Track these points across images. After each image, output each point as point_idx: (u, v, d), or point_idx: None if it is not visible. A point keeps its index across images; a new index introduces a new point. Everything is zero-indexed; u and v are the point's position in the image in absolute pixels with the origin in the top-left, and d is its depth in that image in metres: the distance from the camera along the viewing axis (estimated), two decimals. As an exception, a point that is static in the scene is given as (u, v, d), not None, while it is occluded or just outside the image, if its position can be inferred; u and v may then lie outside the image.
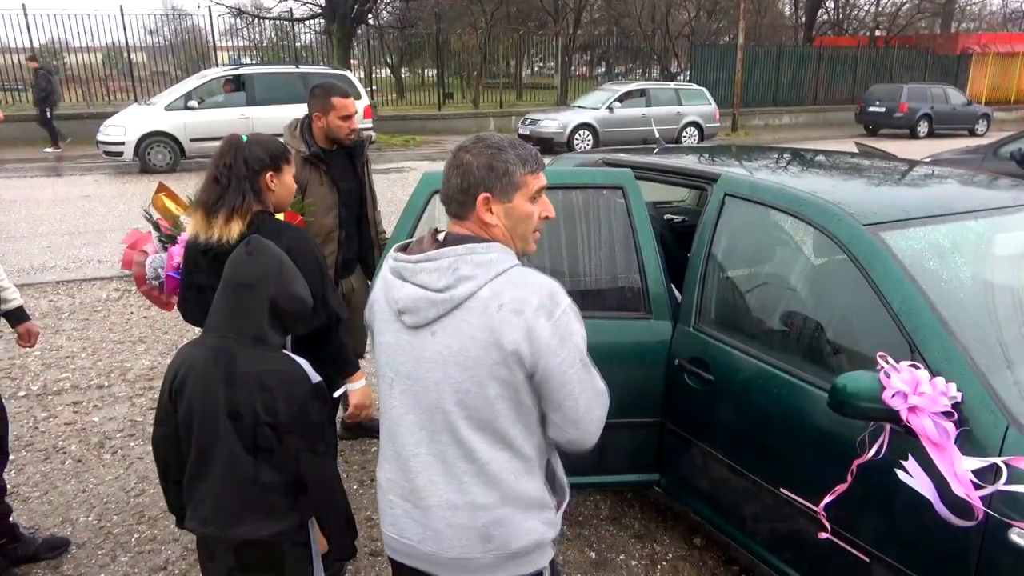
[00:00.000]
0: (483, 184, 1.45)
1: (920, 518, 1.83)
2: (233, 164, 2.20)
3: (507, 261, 1.44)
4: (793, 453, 2.22)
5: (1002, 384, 1.85)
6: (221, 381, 1.73)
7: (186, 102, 12.65)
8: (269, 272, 1.81)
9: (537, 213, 1.52)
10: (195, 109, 12.64)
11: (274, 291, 1.80)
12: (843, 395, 1.88)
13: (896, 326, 2.00)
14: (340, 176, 3.27)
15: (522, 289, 1.40)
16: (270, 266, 1.82)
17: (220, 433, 1.73)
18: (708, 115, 17.05)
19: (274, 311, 1.80)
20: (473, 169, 1.45)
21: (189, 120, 12.52)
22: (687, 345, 2.59)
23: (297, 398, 1.75)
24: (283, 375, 1.76)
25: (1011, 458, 1.72)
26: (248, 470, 1.74)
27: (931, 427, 1.80)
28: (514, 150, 1.47)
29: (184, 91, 12.85)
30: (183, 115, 12.54)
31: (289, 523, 1.81)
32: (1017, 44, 29.83)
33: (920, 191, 2.66)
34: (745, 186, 2.61)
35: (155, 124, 12.40)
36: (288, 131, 3.25)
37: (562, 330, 1.40)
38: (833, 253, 2.27)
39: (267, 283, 1.79)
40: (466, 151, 1.48)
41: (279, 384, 1.74)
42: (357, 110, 3.26)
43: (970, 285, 2.19)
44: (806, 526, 2.15)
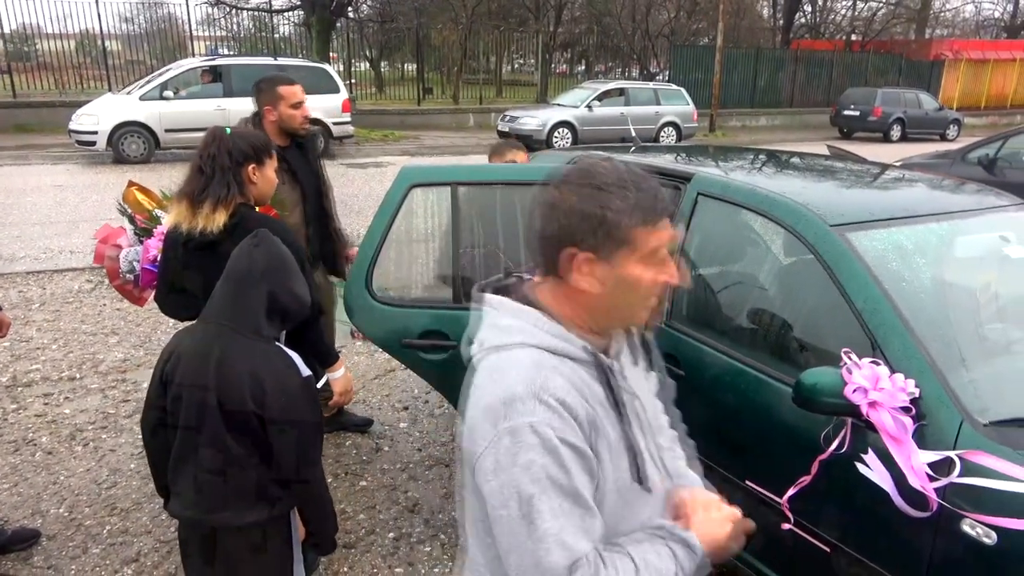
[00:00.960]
0: (569, 235, 1.07)
1: (878, 509, 1.89)
2: (217, 155, 2.23)
3: (518, 335, 1.09)
4: (759, 447, 2.28)
5: (958, 381, 1.92)
6: (213, 368, 1.75)
7: (161, 92, 12.47)
8: (272, 266, 1.84)
9: (652, 280, 1.10)
10: (170, 99, 12.47)
11: (275, 286, 1.82)
12: (807, 390, 1.94)
13: (859, 324, 2.06)
14: (300, 172, 3.23)
15: (494, 376, 1.07)
16: (273, 261, 1.85)
17: (207, 419, 1.75)
18: (686, 115, 17.19)
19: (272, 305, 1.82)
20: (560, 211, 1.08)
21: (164, 110, 12.35)
22: (659, 341, 2.64)
23: (288, 391, 1.77)
24: (275, 367, 1.78)
25: (964, 452, 1.78)
26: (232, 458, 1.76)
27: (890, 421, 1.86)
28: (622, 191, 1.06)
29: (159, 81, 12.68)
30: (158, 105, 12.36)
31: (270, 513, 1.83)
32: (988, 51, 30.42)
33: (886, 194, 2.73)
34: (717, 186, 2.67)
35: (129, 114, 12.21)
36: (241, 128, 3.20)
37: (501, 453, 1.02)
38: (801, 253, 2.32)
39: (269, 277, 1.82)
40: (557, 185, 1.10)
41: (271, 376, 1.76)
42: (305, 97, 3.20)
43: (930, 285, 2.27)
44: (771, 518, 2.21)
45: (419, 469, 3.47)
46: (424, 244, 2.72)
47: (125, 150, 12.18)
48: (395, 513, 3.12)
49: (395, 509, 3.15)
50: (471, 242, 2.71)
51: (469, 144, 15.90)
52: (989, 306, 2.30)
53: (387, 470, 3.46)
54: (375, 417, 3.95)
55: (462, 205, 2.69)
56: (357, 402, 4.10)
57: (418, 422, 3.91)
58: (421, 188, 2.70)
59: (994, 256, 2.40)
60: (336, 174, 11.45)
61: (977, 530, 1.74)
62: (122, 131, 12.15)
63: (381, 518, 3.09)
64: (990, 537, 1.71)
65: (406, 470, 3.45)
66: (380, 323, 2.65)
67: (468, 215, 2.71)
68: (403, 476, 3.41)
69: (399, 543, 2.93)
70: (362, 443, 3.69)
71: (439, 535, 2.98)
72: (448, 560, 2.84)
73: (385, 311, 2.64)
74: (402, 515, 3.11)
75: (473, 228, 2.72)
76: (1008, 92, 29.95)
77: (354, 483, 3.34)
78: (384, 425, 3.89)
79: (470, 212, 2.72)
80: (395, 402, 4.16)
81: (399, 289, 2.71)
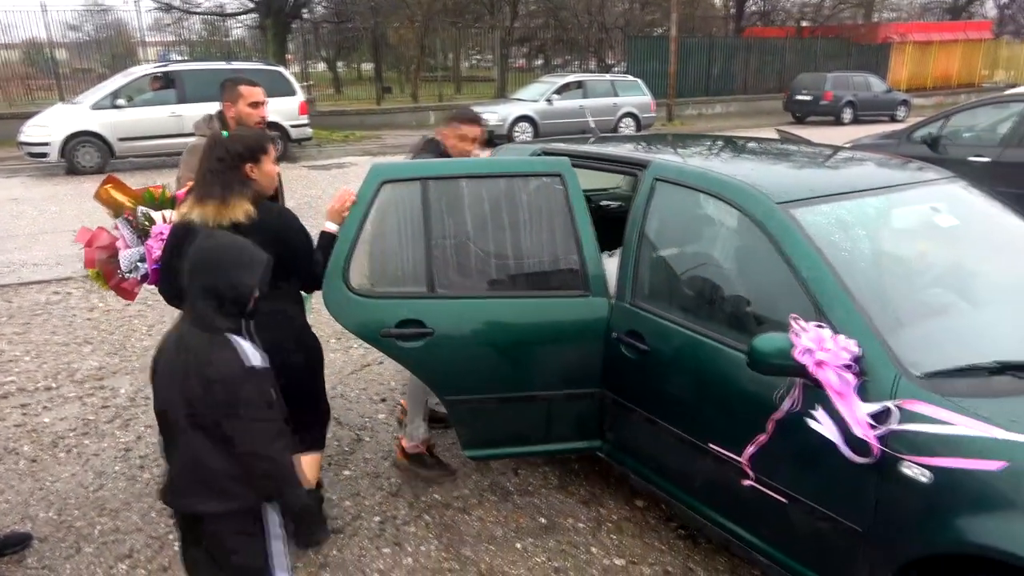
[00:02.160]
0: None
1: (828, 460, 2.08)
2: (225, 157, 2.39)
3: None
4: (719, 411, 2.45)
5: (894, 339, 2.10)
6: (180, 361, 1.87)
7: (113, 100, 12.25)
8: (213, 260, 1.91)
9: None
10: (123, 108, 12.27)
11: (216, 278, 1.89)
12: (759, 354, 2.12)
13: (805, 292, 2.24)
14: None
15: None
16: (213, 255, 1.92)
17: (177, 414, 1.87)
18: (644, 106, 17.46)
19: (219, 298, 1.89)
20: None
21: (117, 119, 12.16)
22: (623, 319, 2.80)
23: (230, 381, 1.83)
24: (219, 359, 1.85)
25: (901, 401, 1.97)
26: (195, 450, 1.87)
27: (834, 378, 2.04)
28: None
29: (111, 89, 12.44)
30: (111, 114, 12.16)
31: (234, 505, 1.91)
32: (933, 33, 31.30)
33: (828, 172, 2.92)
34: (673, 171, 2.83)
35: (82, 123, 11.99)
36: (203, 125, 3.36)
37: None
38: (751, 230, 2.49)
39: (211, 270, 1.89)
40: None
41: (215, 368, 1.83)
42: (266, 100, 3.35)
43: (869, 254, 2.46)
44: (732, 476, 2.39)
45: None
46: (397, 238, 2.83)
47: (79, 160, 11.97)
48: (379, 498, 3.24)
49: (379, 495, 3.27)
50: (442, 234, 2.83)
51: (431, 142, 15.92)
52: (922, 271, 2.50)
53: (369, 459, 3.57)
54: (353, 410, 4.05)
55: (432, 199, 2.81)
56: (335, 396, 4.20)
57: (396, 412, 4.02)
58: (392, 184, 2.81)
59: (926, 226, 2.60)
60: (298, 176, 11.44)
61: (914, 471, 1.93)
62: (75, 141, 11.93)
63: (366, 504, 3.20)
64: (926, 476, 1.91)
65: (387, 458, 3.57)
66: (358, 314, 2.76)
67: (438, 209, 2.83)
68: (385, 464, 3.52)
69: (385, 525, 3.05)
70: (343, 435, 3.80)
71: (423, 516, 3.11)
72: (433, 539, 2.97)
73: (362, 303, 2.75)
74: (386, 500, 3.23)
75: (444, 221, 2.84)
76: (952, 72, 30.87)
77: (338, 472, 3.44)
78: (364, 417, 4.00)
79: (440, 206, 2.84)
80: (372, 395, 4.27)
81: (375, 282, 2.82)
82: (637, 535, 2.99)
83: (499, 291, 2.86)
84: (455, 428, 2.99)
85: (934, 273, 2.51)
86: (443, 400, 2.92)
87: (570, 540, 2.96)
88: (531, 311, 2.85)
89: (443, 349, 2.78)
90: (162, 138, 11.94)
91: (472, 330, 2.80)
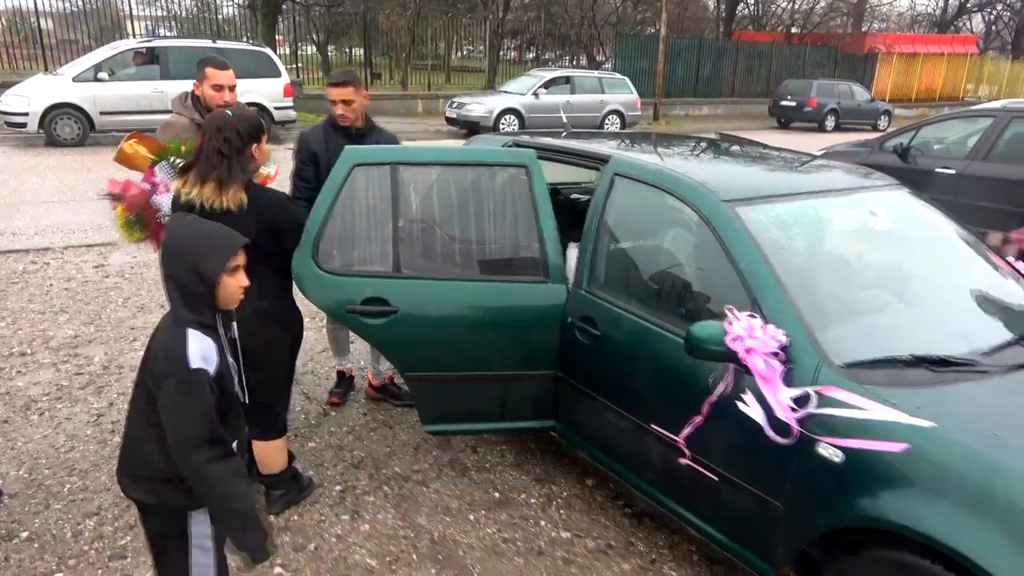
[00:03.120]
0: None
1: (755, 441, 2.24)
2: (232, 139, 2.51)
3: None
4: (662, 394, 2.61)
5: (820, 331, 2.27)
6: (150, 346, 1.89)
7: (95, 74, 12.09)
8: (172, 248, 1.87)
9: None
10: (105, 81, 12.14)
11: (176, 266, 1.84)
12: (695, 340, 2.28)
13: (742, 284, 2.40)
14: None
15: None
16: (174, 244, 1.87)
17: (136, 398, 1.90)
18: (630, 104, 17.62)
19: (178, 286, 1.84)
20: None
21: (99, 92, 12.04)
22: (579, 305, 2.95)
23: (163, 378, 1.78)
24: (166, 352, 1.80)
25: (820, 387, 2.14)
26: (135, 431, 1.89)
27: (761, 364, 2.20)
28: None
29: (94, 62, 12.27)
30: (92, 87, 12.03)
31: (154, 501, 1.89)
32: (919, 45, 31.74)
33: (775, 174, 3.08)
34: (630, 167, 2.98)
35: (62, 95, 11.85)
36: (179, 102, 3.42)
37: None
38: (699, 225, 2.65)
39: (172, 258, 1.85)
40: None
41: (159, 361, 1.80)
42: (233, 83, 3.40)
43: (804, 252, 2.63)
44: (671, 456, 2.55)
45: (364, 431, 3.72)
46: (366, 219, 2.96)
47: (58, 132, 11.87)
48: (342, 469, 3.38)
49: (342, 466, 3.41)
50: (409, 217, 2.96)
51: (417, 130, 16.00)
52: (853, 270, 2.67)
53: (334, 432, 3.70)
54: (323, 386, 4.18)
55: (401, 184, 2.94)
56: (306, 372, 4.33)
57: (363, 389, 4.15)
58: (363, 167, 2.94)
59: (862, 228, 2.77)
60: (283, 159, 11.46)
61: (829, 451, 2.09)
62: (55, 113, 11.82)
63: (328, 474, 3.34)
64: (838, 456, 2.07)
65: (352, 432, 3.71)
66: (326, 291, 2.89)
67: (407, 192, 2.96)
68: (349, 437, 3.66)
69: (345, 494, 3.19)
70: (311, 409, 3.93)
71: (383, 487, 3.25)
72: (391, 508, 3.11)
73: (330, 280, 2.88)
74: (348, 471, 3.37)
75: (411, 205, 2.97)
76: (936, 85, 31.35)
77: (303, 444, 3.57)
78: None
79: (408, 190, 2.97)
80: (342, 373, 4.39)
81: (343, 260, 2.95)
82: (585, 511, 3.15)
83: (462, 274, 3.00)
84: (416, 404, 3.13)
85: (865, 272, 2.68)
86: (404, 376, 3.06)
87: (521, 514, 3.12)
88: (492, 294, 2.99)
89: (406, 327, 2.91)
90: (144, 114, 11.81)
91: (434, 310, 2.93)
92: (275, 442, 2.94)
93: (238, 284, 1.92)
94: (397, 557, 2.82)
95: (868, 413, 2.05)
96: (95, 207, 7.99)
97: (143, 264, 6.20)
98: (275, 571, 2.71)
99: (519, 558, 2.85)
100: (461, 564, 2.80)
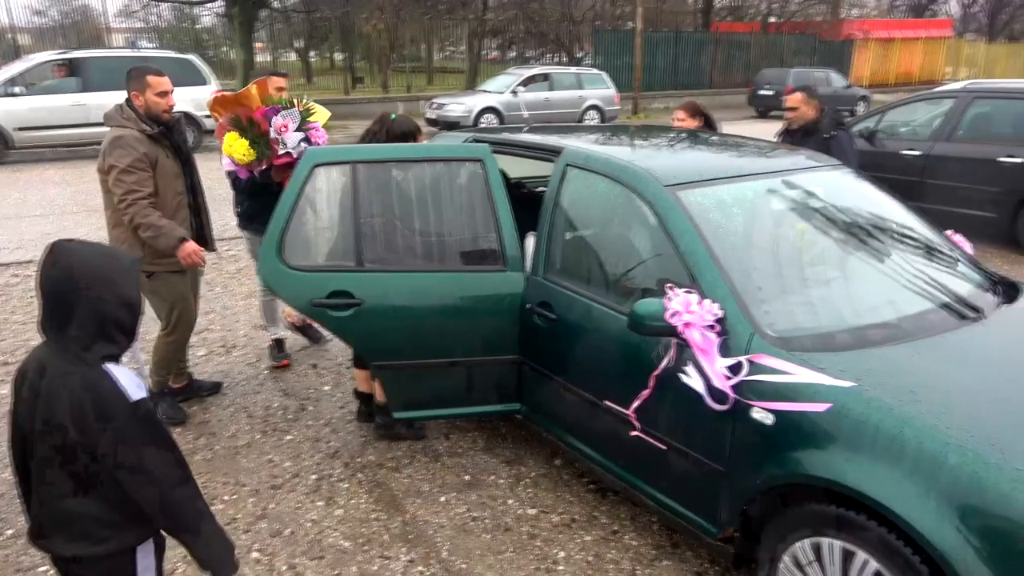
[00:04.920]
0: None
1: (696, 409, 2.38)
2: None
3: None
4: (613, 371, 2.75)
5: (753, 303, 2.41)
6: (42, 391, 1.64)
7: (7, 89, 11.44)
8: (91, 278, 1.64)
9: None
10: (20, 96, 11.47)
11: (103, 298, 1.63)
12: (637, 317, 2.42)
13: (682, 263, 2.54)
14: (180, 148, 3.62)
15: None
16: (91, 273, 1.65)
17: (37, 449, 1.67)
18: (608, 98, 17.78)
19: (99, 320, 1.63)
20: None
21: (13, 108, 11.38)
22: (536, 292, 3.09)
23: (114, 420, 1.61)
24: (96, 400, 1.61)
25: (751, 355, 2.28)
26: (58, 490, 1.67)
27: (698, 337, 2.34)
28: None
29: (7, 76, 11.62)
30: (6, 102, 11.38)
31: (103, 548, 1.71)
32: (895, 31, 32.04)
33: (717, 158, 3.22)
34: (581, 157, 3.11)
35: None
36: (117, 115, 3.43)
37: None
38: (643, 209, 2.78)
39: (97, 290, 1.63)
40: None
41: (89, 414, 1.60)
42: (172, 88, 3.51)
43: (741, 231, 2.76)
44: (623, 428, 2.69)
45: (341, 423, 3.85)
46: (328, 216, 3.08)
47: None
48: (318, 459, 3.50)
49: (318, 456, 3.53)
50: (370, 213, 3.09)
51: (398, 132, 16.09)
52: (789, 246, 2.81)
53: (311, 425, 3.83)
54: (301, 382, 4.30)
55: (361, 181, 3.07)
56: (285, 370, 4.45)
57: (340, 385, 4.27)
58: (324, 167, 3.06)
59: (799, 207, 2.91)
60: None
61: (761, 415, 2.23)
62: None
63: (305, 464, 3.46)
64: (769, 419, 2.21)
65: (328, 424, 3.83)
66: (292, 286, 3.01)
67: (367, 190, 3.09)
68: (326, 430, 3.78)
69: (321, 482, 3.31)
70: (289, 404, 4.04)
71: (357, 474, 3.38)
72: (364, 493, 3.24)
73: (296, 276, 3.01)
74: (324, 460, 3.49)
75: (372, 201, 3.10)
76: (914, 70, 31.64)
77: (280, 438, 3.70)
78: (310, 389, 4.24)
79: (369, 187, 3.10)
80: (321, 369, 4.51)
81: (308, 256, 3.07)
82: (551, 489, 3.28)
83: (423, 266, 3.13)
84: (384, 392, 3.26)
85: (800, 248, 2.82)
86: (372, 366, 3.18)
87: (490, 494, 3.25)
88: (453, 284, 3.12)
89: (371, 318, 3.04)
90: (65, 128, 11.42)
91: (398, 301, 3.06)
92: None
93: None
94: (369, 539, 2.95)
95: (795, 377, 2.19)
96: (77, 220, 8.08)
97: (125, 273, 6.29)
98: (252, 555, 2.83)
99: (486, 535, 2.98)
100: (431, 542, 2.93)
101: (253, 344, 4.83)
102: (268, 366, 4.49)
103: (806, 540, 2.17)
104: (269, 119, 3.48)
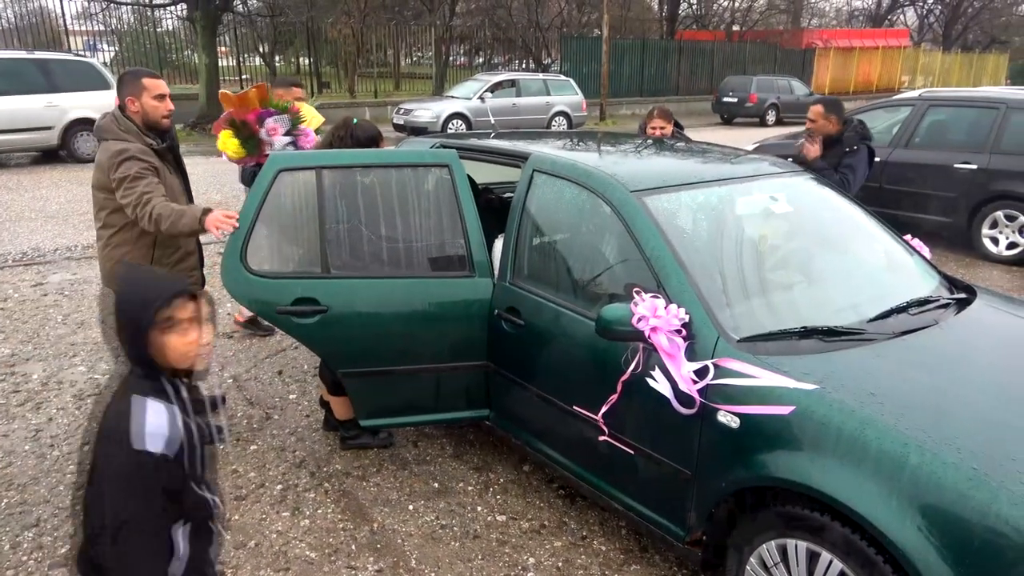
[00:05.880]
0: None
1: (663, 413, 2.39)
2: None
3: None
4: (581, 376, 2.75)
5: (718, 308, 2.43)
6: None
7: None
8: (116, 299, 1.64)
9: None
10: None
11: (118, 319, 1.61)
12: (604, 322, 2.42)
13: (648, 268, 2.55)
14: (176, 161, 3.41)
15: None
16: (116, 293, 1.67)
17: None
18: (575, 105, 17.88)
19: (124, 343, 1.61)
20: None
21: None
22: (504, 297, 3.08)
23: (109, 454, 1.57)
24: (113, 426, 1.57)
25: (717, 359, 2.30)
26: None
27: (665, 341, 2.36)
28: None
29: None
30: None
31: None
32: (855, 40, 32.80)
33: (684, 164, 3.25)
34: (548, 163, 3.12)
35: None
36: (114, 127, 3.11)
37: None
38: (609, 214, 2.79)
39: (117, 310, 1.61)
40: None
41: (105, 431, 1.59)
42: (168, 91, 3.22)
43: (706, 236, 2.79)
44: (592, 433, 2.69)
45: (307, 432, 3.79)
46: (293, 222, 3.04)
47: None
48: (283, 469, 3.45)
49: (284, 466, 3.47)
50: (336, 219, 3.05)
51: (365, 137, 15.98)
52: (752, 251, 2.84)
53: (276, 434, 3.76)
54: (266, 391, 4.23)
55: (326, 186, 3.03)
56: (249, 379, 4.37)
57: (307, 393, 4.22)
58: (289, 172, 3.02)
59: (762, 212, 2.95)
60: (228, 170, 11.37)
61: (727, 418, 2.25)
62: None
63: (270, 474, 3.40)
64: (735, 422, 2.23)
65: (294, 433, 3.77)
66: (256, 293, 2.96)
67: (332, 195, 3.05)
68: (292, 439, 3.73)
69: (287, 493, 3.26)
70: (253, 414, 3.98)
71: (323, 484, 3.33)
72: (331, 503, 3.19)
73: (260, 282, 2.96)
74: (290, 470, 3.44)
75: (337, 207, 3.06)
76: (873, 78, 32.42)
77: (245, 447, 3.63)
78: (275, 397, 4.18)
79: (334, 192, 3.06)
80: (287, 377, 4.45)
81: (272, 263, 3.02)
82: (520, 495, 3.27)
83: (390, 272, 3.10)
84: (351, 399, 3.22)
85: (764, 253, 2.86)
86: (339, 374, 3.14)
87: (459, 501, 3.23)
88: (420, 291, 3.09)
89: (337, 325, 3.00)
90: None
91: (364, 308, 3.03)
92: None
93: (184, 342, 1.60)
94: (336, 549, 2.90)
95: (759, 380, 2.21)
96: (32, 227, 7.87)
97: (83, 281, 6.15)
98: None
99: (455, 542, 2.95)
100: (399, 551, 2.90)
101: (216, 353, 4.74)
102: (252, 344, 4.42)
103: (772, 542, 2.20)
104: (262, 120, 3.62)
